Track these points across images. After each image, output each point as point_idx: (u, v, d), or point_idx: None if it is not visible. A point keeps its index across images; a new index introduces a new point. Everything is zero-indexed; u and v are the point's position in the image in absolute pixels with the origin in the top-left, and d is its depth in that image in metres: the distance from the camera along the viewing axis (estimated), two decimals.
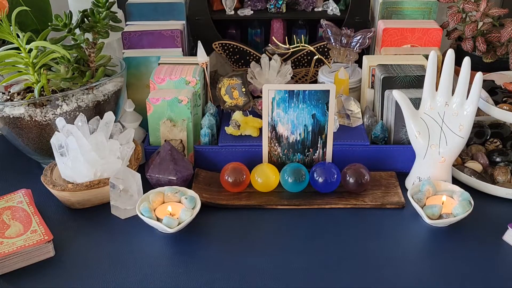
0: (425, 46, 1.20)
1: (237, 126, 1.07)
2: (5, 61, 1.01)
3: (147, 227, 0.92)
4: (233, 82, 1.10)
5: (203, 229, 0.93)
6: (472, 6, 1.21)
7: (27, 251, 0.84)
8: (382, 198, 0.99)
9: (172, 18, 1.24)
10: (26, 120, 1.00)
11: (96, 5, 1.06)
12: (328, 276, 0.83)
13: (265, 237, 0.91)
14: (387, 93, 1.06)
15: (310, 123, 1.02)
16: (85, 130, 0.96)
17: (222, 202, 0.98)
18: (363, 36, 1.16)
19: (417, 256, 0.88)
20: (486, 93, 1.06)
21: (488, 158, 1.07)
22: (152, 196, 0.94)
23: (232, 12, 1.29)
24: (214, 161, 1.06)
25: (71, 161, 0.94)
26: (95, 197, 0.97)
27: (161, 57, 1.15)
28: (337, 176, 0.99)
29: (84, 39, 1.05)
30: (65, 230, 0.93)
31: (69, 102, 1.02)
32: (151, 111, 1.05)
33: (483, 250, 0.88)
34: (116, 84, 1.09)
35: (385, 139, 1.06)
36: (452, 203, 0.94)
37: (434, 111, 0.98)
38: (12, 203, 0.95)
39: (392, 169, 1.06)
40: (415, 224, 0.94)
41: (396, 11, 1.25)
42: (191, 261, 0.86)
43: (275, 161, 1.05)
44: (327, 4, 1.30)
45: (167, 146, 1.01)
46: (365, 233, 0.92)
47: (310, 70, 1.27)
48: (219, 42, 1.28)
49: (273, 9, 1.29)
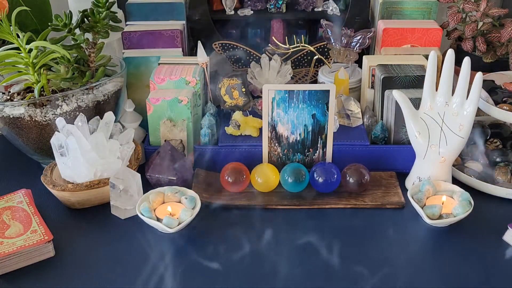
0: (425, 46, 1.20)
1: (237, 126, 1.07)
2: (5, 61, 1.01)
3: (147, 227, 0.92)
4: (233, 82, 1.10)
5: (203, 229, 0.93)
6: (472, 6, 1.21)
7: (27, 251, 0.84)
8: (382, 198, 0.99)
9: (172, 18, 1.24)
10: (26, 120, 1.00)
11: (96, 5, 1.05)
12: (328, 276, 0.83)
13: (265, 237, 0.91)
14: (387, 93, 1.06)
15: (310, 123, 1.02)
16: (85, 130, 0.96)
17: (222, 202, 0.98)
18: (363, 36, 1.16)
19: (417, 256, 0.88)
20: (486, 93, 1.06)
21: (488, 158, 1.07)
22: (152, 196, 0.94)
23: (232, 12, 1.29)
24: (214, 161, 1.06)
25: (71, 161, 0.94)
26: (95, 197, 0.97)
27: (161, 57, 1.15)
28: (337, 176, 0.99)
29: (84, 39, 1.05)
30: (65, 230, 0.93)
31: (69, 102, 1.02)
32: (151, 111, 1.05)
33: (483, 250, 0.88)
34: (116, 84, 1.09)
35: (385, 139, 1.06)
36: (452, 203, 0.94)
37: (434, 111, 0.98)
38: (12, 203, 0.95)
39: (392, 169, 1.06)
40: (415, 224, 0.94)
41: (396, 11, 1.25)
42: (191, 261, 0.86)
43: (275, 161, 1.05)
44: (327, 4, 1.30)
45: (167, 146, 1.01)
46: (365, 233, 0.92)
47: (310, 70, 1.27)
48: (219, 42, 1.28)
49: (273, 9, 1.29)
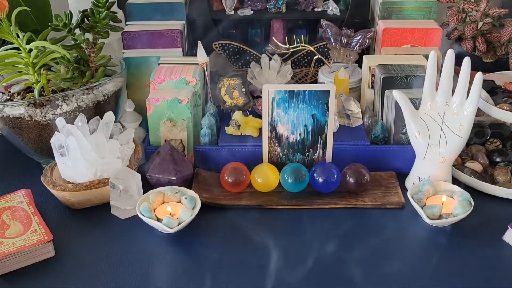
0: (425, 46, 1.19)
1: (237, 126, 1.07)
2: (5, 61, 1.01)
3: (147, 227, 0.92)
4: (233, 82, 1.10)
5: (203, 229, 0.93)
6: (472, 6, 1.21)
7: (27, 251, 0.84)
8: (382, 198, 0.99)
9: (172, 18, 1.24)
10: (26, 120, 1.00)
11: (96, 5, 1.05)
12: (328, 276, 0.83)
13: (265, 237, 0.91)
14: (387, 93, 1.06)
15: (310, 123, 1.02)
16: (85, 130, 0.96)
17: (222, 202, 0.98)
18: (363, 36, 1.16)
19: (417, 256, 0.88)
20: (486, 93, 1.06)
21: (488, 158, 1.07)
22: (152, 196, 0.94)
23: (232, 12, 1.29)
24: (214, 161, 1.06)
25: (71, 161, 0.94)
26: (95, 197, 0.97)
27: (161, 57, 1.15)
28: (337, 176, 0.99)
29: (84, 39, 1.05)
30: (65, 230, 0.93)
31: (69, 102, 1.02)
32: (151, 111, 1.05)
33: (483, 250, 0.88)
34: (116, 84, 1.09)
35: (385, 139, 1.06)
36: (452, 203, 0.94)
37: (434, 111, 0.98)
38: (12, 203, 0.95)
39: (392, 169, 1.06)
40: (415, 224, 0.94)
41: (396, 11, 1.25)
42: (191, 261, 0.86)
43: (275, 161, 1.05)
44: (327, 4, 1.30)
45: (167, 146, 1.01)
46: (365, 233, 0.92)
47: (310, 70, 1.27)
48: (219, 42, 1.28)
49: (273, 9, 1.29)
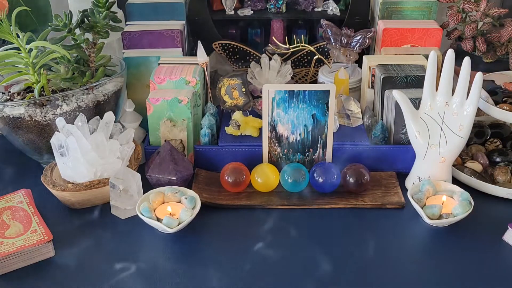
0: (425, 46, 1.19)
1: (237, 126, 1.07)
2: (5, 61, 1.01)
3: (147, 227, 0.92)
4: (233, 82, 1.10)
5: (203, 229, 0.93)
6: (472, 6, 1.21)
7: (27, 251, 0.84)
8: (382, 198, 0.99)
9: (172, 18, 1.24)
10: (26, 120, 1.00)
11: (96, 5, 1.05)
12: (328, 276, 0.83)
13: (265, 237, 0.91)
14: (387, 93, 1.06)
15: (310, 123, 1.02)
16: (85, 130, 0.96)
17: (222, 202, 0.98)
18: (363, 36, 1.16)
19: (417, 256, 0.88)
20: (486, 93, 1.06)
21: (488, 158, 1.07)
22: (152, 196, 0.94)
23: (232, 12, 1.29)
24: (214, 161, 1.06)
25: (71, 161, 0.94)
26: (95, 197, 0.97)
27: (161, 57, 1.15)
28: (337, 176, 0.99)
29: (84, 39, 1.05)
30: (65, 230, 0.93)
31: (69, 102, 1.02)
32: (151, 111, 1.05)
33: (483, 250, 0.88)
34: (116, 84, 1.09)
35: (385, 139, 1.06)
36: (452, 203, 0.94)
37: (434, 111, 0.98)
38: (12, 203, 0.95)
39: (392, 169, 1.06)
40: (415, 224, 0.94)
41: (396, 11, 1.25)
42: (191, 261, 0.86)
43: (275, 161, 1.05)
44: (327, 4, 1.30)
45: (167, 146, 1.01)
46: (365, 233, 0.92)
47: (310, 70, 1.27)
48: (219, 42, 1.28)
49: (273, 9, 1.29)
